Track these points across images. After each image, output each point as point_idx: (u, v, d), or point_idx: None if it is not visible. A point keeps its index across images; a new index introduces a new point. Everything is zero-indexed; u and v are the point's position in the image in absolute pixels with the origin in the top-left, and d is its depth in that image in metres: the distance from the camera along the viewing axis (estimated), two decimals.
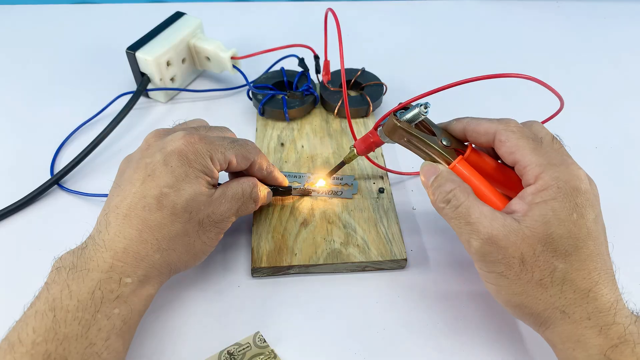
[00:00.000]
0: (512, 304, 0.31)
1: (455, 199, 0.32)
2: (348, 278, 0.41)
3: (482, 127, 0.34)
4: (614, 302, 0.29)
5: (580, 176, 0.30)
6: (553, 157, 0.31)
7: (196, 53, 0.57)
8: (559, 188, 0.29)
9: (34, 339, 0.28)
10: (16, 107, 0.56)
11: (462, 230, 0.31)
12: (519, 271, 0.30)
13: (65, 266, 0.31)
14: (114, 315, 0.30)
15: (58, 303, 0.29)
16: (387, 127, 0.35)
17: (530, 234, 0.29)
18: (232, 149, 0.37)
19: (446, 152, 0.35)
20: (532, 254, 0.29)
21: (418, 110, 0.34)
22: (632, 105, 0.58)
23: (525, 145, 0.31)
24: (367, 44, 0.67)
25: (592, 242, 0.29)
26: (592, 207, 0.30)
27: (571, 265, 0.29)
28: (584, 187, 0.30)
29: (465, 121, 0.35)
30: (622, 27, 0.71)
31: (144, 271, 0.32)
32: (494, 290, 0.32)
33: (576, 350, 0.29)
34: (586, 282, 0.29)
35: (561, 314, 0.30)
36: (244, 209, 0.38)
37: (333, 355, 0.36)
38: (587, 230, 0.29)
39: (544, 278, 0.29)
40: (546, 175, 0.30)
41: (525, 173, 0.31)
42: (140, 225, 0.32)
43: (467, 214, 0.31)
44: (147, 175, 0.34)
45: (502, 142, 0.32)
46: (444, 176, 0.33)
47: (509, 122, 0.33)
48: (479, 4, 0.75)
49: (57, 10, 0.72)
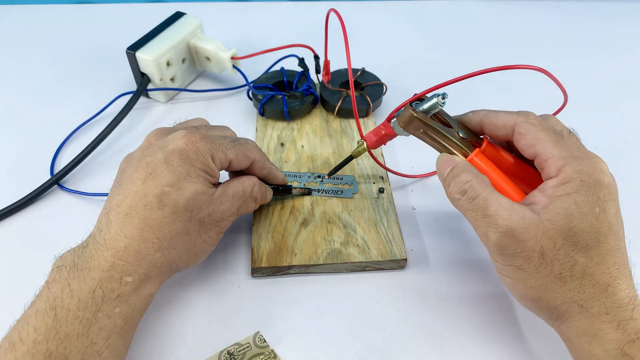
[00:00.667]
0: (528, 298, 0.31)
1: (473, 190, 0.31)
2: (348, 278, 0.41)
3: (500, 120, 0.33)
4: (632, 298, 0.29)
5: (604, 169, 0.30)
6: (575, 150, 0.30)
7: (196, 53, 0.57)
8: (583, 181, 0.29)
9: (35, 338, 0.28)
10: (16, 107, 0.56)
11: (479, 222, 0.31)
12: (538, 265, 0.29)
13: (66, 265, 0.31)
14: (114, 314, 0.30)
15: (59, 302, 0.29)
16: (403, 117, 0.34)
17: (551, 227, 0.29)
18: (232, 148, 0.37)
19: (463, 144, 0.34)
20: (553, 247, 0.29)
21: (436, 100, 0.33)
22: (633, 105, 0.58)
23: (547, 138, 0.31)
24: (367, 44, 0.67)
25: (612, 236, 0.29)
26: (614, 201, 0.30)
27: (591, 259, 0.29)
28: (607, 181, 0.29)
29: (482, 113, 0.35)
30: (622, 27, 0.71)
31: (144, 270, 0.32)
32: (510, 284, 0.32)
33: (592, 344, 0.29)
34: (606, 276, 0.29)
35: (579, 307, 0.29)
36: (245, 207, 0.38)
37: (333, 355, 0.36)
38: (609, 224, 0.29)
39: (564, 272, 0.29)
40: (569, 168, 0.29)
41: (547, 166, 0.31)
42: (141, 224, 0.32)
43: (485, 205, 0.30)
44: (149, 174, 0.34)
45: (522, 134, 0.32)
46: (461, 167, 0.33)
47: (528, 114, 0.33)
48: (479, 4, 0.75)
49: (57, 10, 0.72)
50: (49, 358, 0.27)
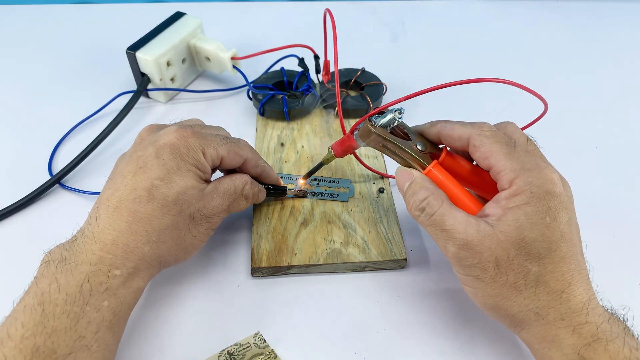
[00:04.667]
0: (488, 306, 0.32)
1: (430, 207, 0.32)
2: (348, 278, 0.41)
3: (455, 132, 0.34)
4: (586, 302, 0.29)
5: (554, 179, 0.30)
6: (526, 162, 0.31)
7: (196, 53, 0.57)
8: (532, 193, 0.30)
9: (23, 334, 0.28)
10: (16, 107, 0.56)
11: (438, 236, 0.32)
12: (494, 274, 0.30)
13: (54, 260, 0.31)
14: (103, 308, 0.30)
15: (47, 297, 0.29)
16: (362, 131, 0.36)
17: (504, 238, 0.29)
18: (224, 145, 0.37)
19: (421, 156, 0.35)
20: (506, 257, 0.30)
21: (392, 115, 0.34)
22: (633, 105, 0.58)
23: (499, 150, 0.31)
24: (367, 44, 0.67)
25: (565, 244, 0.30)
26: (566, 210, 0.30)
27: (545, 267, 0.29)
28: (557, 191, 0.30)
29: (439, 125, 0.35)
30: (622, 27, 0.71)
31: (133, 263, 0.32)
32: (471, 293, 0.32)
33: (551, 349, 0.30)
34: (559, 283, 0.29)
35: (535, 315, 0.30)
36: (236, 205, 0.38)
37: (333, 355, 0.36)
38: (560, 232, 0.30)
39: (518, 281, 0.30)
40: (520, 181, 0.30)
41: (500, 178, 0.31)
42: (130, 217, 0.32)
43: (442, 221, 0.31)
44: (139, 167, 0.34)
45: (476, 147, 0.32)
46: (418, 183, 0.33)
47: (482, 126, 0.33)
48: (479, 4, 0.75)
49: (57, 10, 0.72)
50: (37, 353, 0.27)
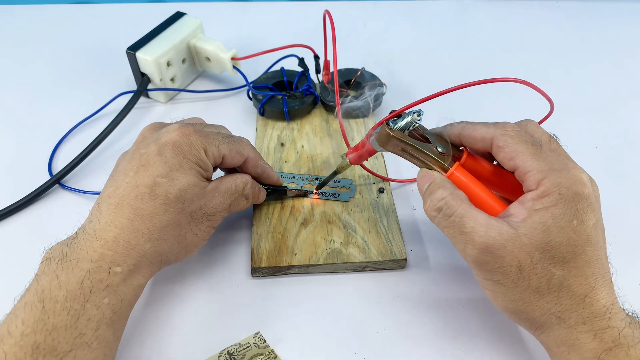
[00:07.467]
0: (508, 310, 0.31)
1: (448, 207, 0.31)
2: (348, 278, 0.41)
3: (478, 133, 0.33)
4: (609, 306, 0.29)
5: (583, 180, 0.30)
6: (554, 162, 0.30)
7: (196, 53, 0.57)
8: (561, 194, 0.29)
9: (23, 331, 0.28)
10: (16, 107, 0.56)
11: (457, 239, 0.31)
12: (516, 279, 0.29)
13: (54, 257, 0.31)
14: (103, 305, 0.30)
15: (47, 294, 0.29)
16: (380, 136, 0.34)
17: (528, 241, 0.29)
18: (226, 144, 0.37)
19: (442, 158, 0.34)
20: (530, 261, 0.29)
21: (411, 118, 0.33)
22: (633, 105, 0.58)
23: (525, 151, 0.31)
24: (367, 44, 0.67)
25: (590, 247, 0.29)
26: (593, 212, 0.30)
27: (569, 272, 0.29)
28: (586, 192, 0.29)
29: (460, 126, 0.34)
30: (622, 27, 0.71)
31: (134, 260, 0.32)
32: (491, 296, 0.32)
33: (571, 353, 0.29)
34: (583, 287, 0.29)
35: (557, 319, 0.30)
36: (236, 204, 0.38)
37: (333, 355, 0.36)
38: (587, 236, 0.29)
39: (541, 285, 0.29)
40: (548, 181, 0.29)
41: (527, 179, 0.30)
42: (131, 215, 0.32)
43: (461, 222, 0.30)
44: (141, 165, 0.34)
45: (501, 147, 0.32)
46: (437, 183, 0.33)
47: (505, 126, 0.32)
48: (479, 4, 0.75)
49: (57, 10, 0.72)
50: (37, 350, 0.27)
